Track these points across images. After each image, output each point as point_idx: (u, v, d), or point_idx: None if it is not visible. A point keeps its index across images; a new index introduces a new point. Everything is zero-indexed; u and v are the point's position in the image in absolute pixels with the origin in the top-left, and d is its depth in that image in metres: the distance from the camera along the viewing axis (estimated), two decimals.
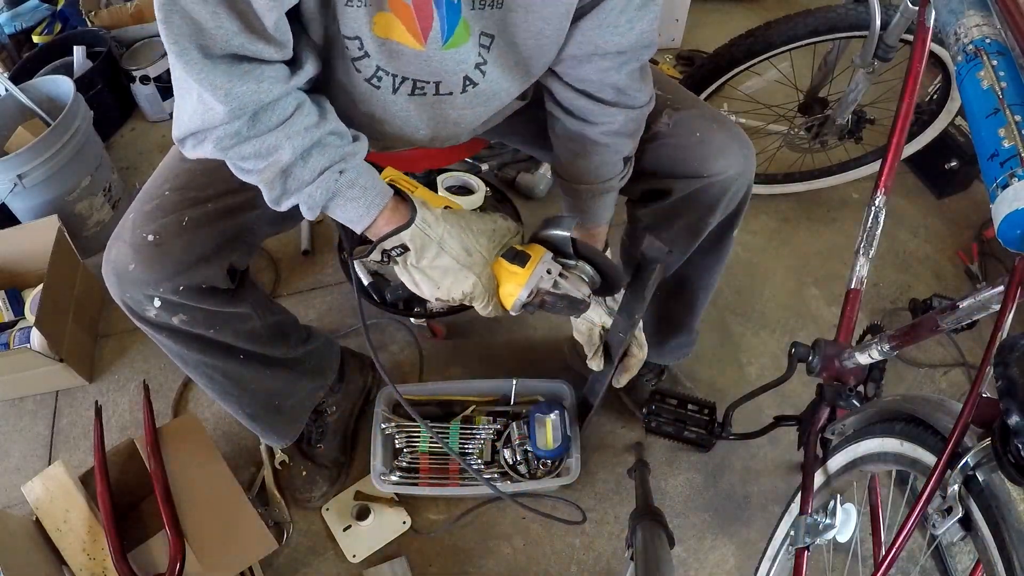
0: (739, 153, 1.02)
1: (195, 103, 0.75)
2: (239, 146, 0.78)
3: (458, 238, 0.87)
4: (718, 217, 1.08)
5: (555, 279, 0.88)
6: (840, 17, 1.41)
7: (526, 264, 0.87)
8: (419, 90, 0.87)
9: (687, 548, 1.38)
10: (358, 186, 0.83)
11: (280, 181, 0.80)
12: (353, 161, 0.83)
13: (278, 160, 0.78)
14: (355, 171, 0.83)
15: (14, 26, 2.32)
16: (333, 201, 0.83)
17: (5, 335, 1.61)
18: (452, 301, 0.90)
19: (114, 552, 1.14)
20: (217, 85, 0.72)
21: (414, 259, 0.86)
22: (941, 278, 1.77)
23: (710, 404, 1.37)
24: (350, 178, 0.82)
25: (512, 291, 0.87)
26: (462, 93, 0.88)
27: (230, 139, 0.77)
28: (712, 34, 2.30)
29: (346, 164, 0.82)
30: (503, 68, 0.88)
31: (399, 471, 1.39)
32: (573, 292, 0.88)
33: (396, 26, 0.79)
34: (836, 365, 1.10)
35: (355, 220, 0.84)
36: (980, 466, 0.67)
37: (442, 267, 0.87)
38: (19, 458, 1.56)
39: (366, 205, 0.83)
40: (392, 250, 0.85)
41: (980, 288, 0.77)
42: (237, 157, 0.79)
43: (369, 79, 0.85)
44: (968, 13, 0.72)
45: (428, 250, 0.85)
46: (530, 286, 0.86)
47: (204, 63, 0.71)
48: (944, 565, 1.28)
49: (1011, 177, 0.59)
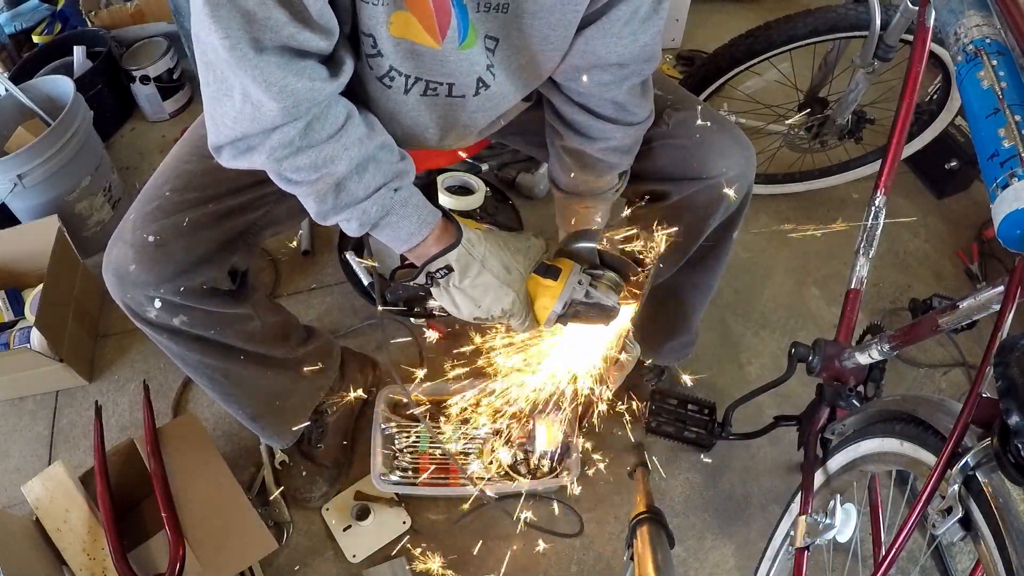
0: (740, 155, 1.02)
1: (239, 104, 0.71)
2: (294, 157, 0.75)
3: (497, 256, 0.87)
4: (718, 219, 1.08)
5: (586, 289, 0.90)
6: (840, 17, 1.41)
7: (558, 277, 0.89)
8: (431, 91, 0.86)
9: (687, 548, 1.38)
10: (411, 205, 0.82)
11: (332, 195, 0.78)
12: (406, 179, 0.82)
13: (332, 172, 0.76)
14: (408, 190, 0.82)
15: (14, 26, 2.32)
16: (385, 219, 0.81)
17: (5, 335, 1.61)
18: (491, 319, 0.90)
19: (114, 552, 1.14)
20: (271, 81, 0.69)
21: (457, 279, 0.85)
22: (941, 278, 1.77)
23: (710, 404, 1.37)
24: (403, 196, 0.81)
25: (547, 304, 0.90)
26: (475, 96, 0.88)
27: (284, 149, 0.74)
28: (712, 34, 2.30)
29: (400, 182, 0.81)
30: (508, 72, 0.88)
31: (399, 471, 1.39)
32: (604, 300, 0.91)
33: (413, 25, 0.78)
34: (836, 365, 1.10)
35: (404, 240, 0.83)
36: (980, 466, 0.67)
37: (483, 285, 0.86)
38: (19, 458, 1.56)
39: (418, 224, 0.83)
40: (437, 272, 0.85)
41: (980, 288, 0.77)
42: (291, 169, 0.76)
43: (381, 78, 0.84)
44: (968, 13, 0.72)
45: (471, 269, 0.85)
46: (564, 298, 0.89)
47: (257, 57, 0.68)
48: (944, 565, 1.28)
49: (1011, 177, 0.59)
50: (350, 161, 0.77)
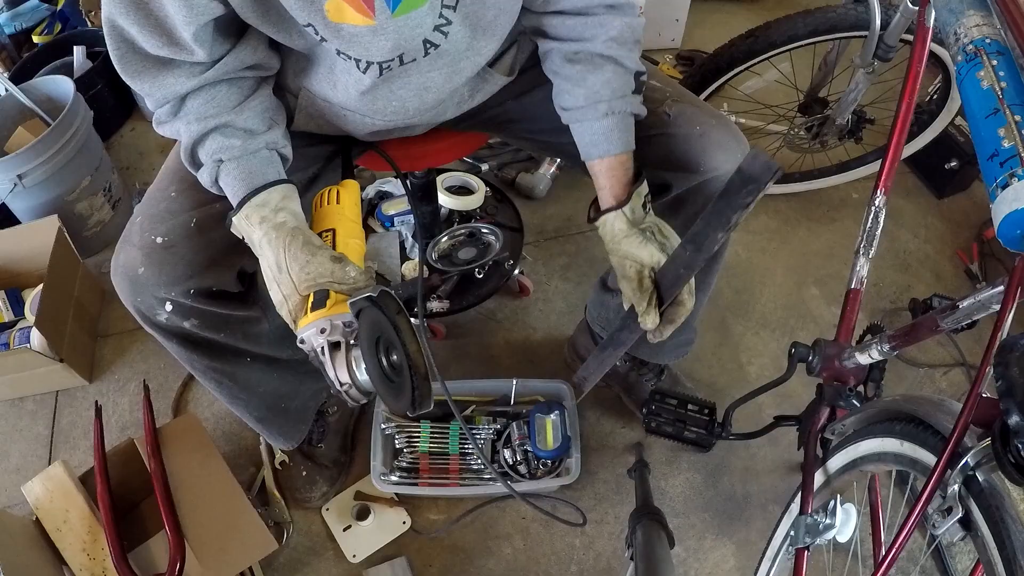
0: (737, 150, 1.02)
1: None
2: (161, 127, 0.88)
3: (273, 252, 0.83)
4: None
5: (324, 343, 0.77)
6: (840, 17, 1.41)
7: (319, 308, 0.79)
8: (386, 69, 0.87)
9: (687, 548, 1.38)
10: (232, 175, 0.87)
11: (188, 161, 0.89)
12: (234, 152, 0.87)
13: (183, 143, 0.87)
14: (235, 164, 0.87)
15: (14, 26, 2.32)
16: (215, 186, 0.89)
17: (5, 335, 1.61)
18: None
19: (114, 552, 1.14)
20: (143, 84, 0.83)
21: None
22: (941, 278, 1.77)
23: (710, 404, 1.37)
24: (229, 168, 0.87)
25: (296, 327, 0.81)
26: (424, 56, 0.87)
27: (158, 123, 0.88)
28: (712, 34, 2.30)
29: (226, 154, 0.87)
30: (472, 27, 0.87)
31: (399, 471, 1.39)
32: (328, 366, 0.78)
33: (345, 9, 0.77)
34: (836, 365, 1.10)
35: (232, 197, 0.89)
36: (980, 466, 0.67)
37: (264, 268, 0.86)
38: (19, 458, 1.56)
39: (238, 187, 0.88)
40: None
41: (980, 288, 0.77)
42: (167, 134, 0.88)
43: (339, 54, 0.85)
44: (968, 13, 0.72)
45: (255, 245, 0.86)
46: (303, 331, 0.79)
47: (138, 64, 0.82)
48: (944, 565, 1.28)
49: (1011, 177, 0.59)
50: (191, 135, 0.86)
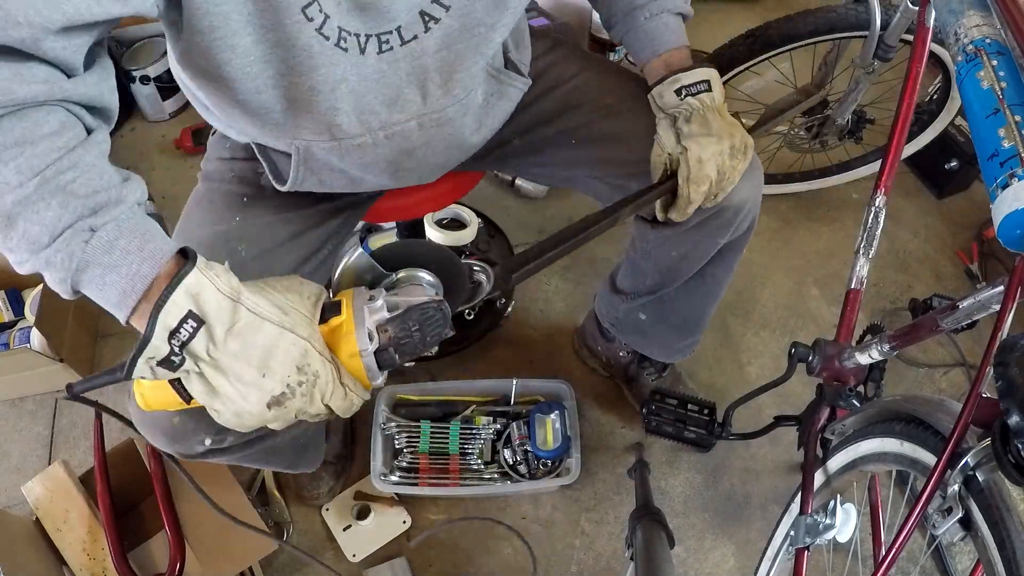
0: (752, 176, 1.01)
1: None
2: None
3: (261, 294, 0.63)
4: (728, 238, 1.08)
5: (381, 300, 0.67)
6: (840, 17, 1.41)
7: (340, 309, 0.66)
8: (385, 44, 0.79)
9: (687, 548, 1.38)
10: (118, 250, 0.60)
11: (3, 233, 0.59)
12: (113, 211, 0.60)
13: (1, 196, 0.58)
14: (114, 228, 0.60)
15: None
16: (86, 274, 0.60)
17: (5, 335, 1.61)
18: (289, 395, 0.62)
19: (114, 552, 1.14)
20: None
21: (219, 335, 0.60)
22: (941, 278, 1.77)
23: (710, 404, 1.37)
24: (106, 239, 0.59)
25: (349, 346, 0.64)
26: (426, 33, 0.81)
27: None
28: (712, 34, 2.30)
29: (100, 218, 0.59)
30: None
31: (399, 471, 1.39)
32: (413, 300, 0.68)
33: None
34: (836, 365, 1.10)
35: (116, 303, 0.61)
36: (980, 466, 0.67)
37: (252, 341, 0.61)
38: (19, 458, 1.56)
39: (129, 278, 0.60)
40: (180, 329, 0.58)
41: (980, 288, 0.77)
42: None
43: (337, 43, 0.76)
44: (968, 13, 0.72)
45: (232, 314, 0.60)
46: (362, 326, 0.65)
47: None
48: (944, 565, 1.28)
49: (1011, 177, 0.59)
50: (26, 186, 0.58)
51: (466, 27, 0.83)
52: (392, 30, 0.78)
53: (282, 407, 0.63)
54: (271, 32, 0.72)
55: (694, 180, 0.92)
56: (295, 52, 0.74)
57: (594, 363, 1.58)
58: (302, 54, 0.74)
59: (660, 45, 0.97)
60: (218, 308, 0.60)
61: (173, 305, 0.58)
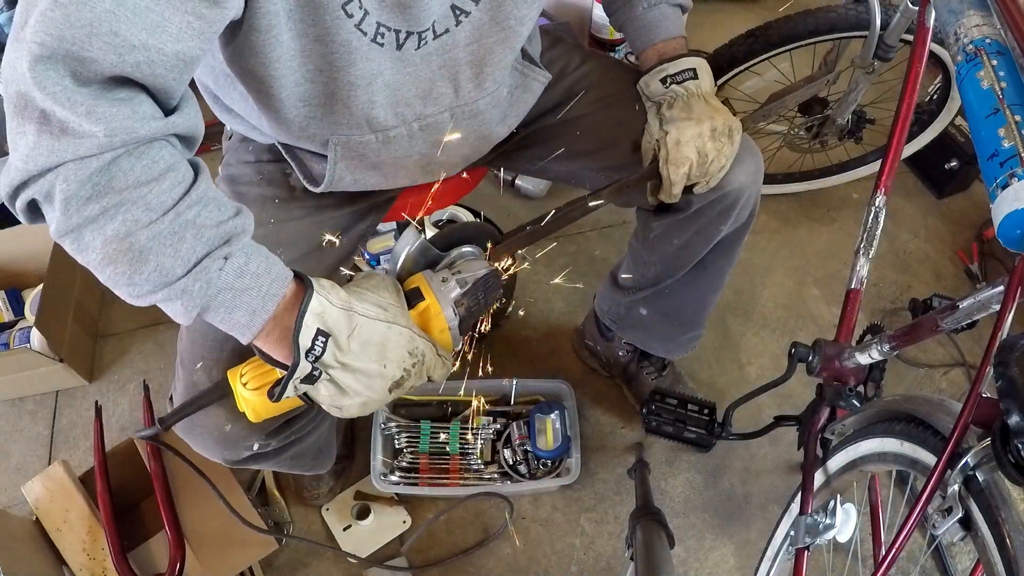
0: (751, 161, 1.02)
1: (34, 136, 0.58)
2: (85, 205, 0.59)
3: (360, 296, 0.71)
4: (729, 227, 1.08)
5: (452, 280, 0.78)
6: (840, 17, 1.41)
7: (422, 294, 0.76)
8: (423, 43, 0.81)
9: (687, 548, 1.38)
10: (248, 275, 0.66)
11: (135, 268, 0.62)
12: (239, 242, 0.66)
13: (132, 235, 0.61)
14: (242, 255, 0.66)
15: None
16: (217, 299, 0.65)
17: (5, 335, 1.61)
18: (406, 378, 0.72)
19: (114, 552, 1.14)
20: (77, 101, 0.57)
21: (343, 343, 0.68)
22: (941, 278, 1.77)
23: (710, 404, 1.37)
24: (237, 266, 0.65)
25: (439, 324, 0.76)
26: (457, 26, 0.82)
27: (79, 189, 0.59)
28: (712, 34, 2.30)
29: (231, 247, 0.65)
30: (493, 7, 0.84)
31: (399, 471, 1.39)
32: (478, 273, 0.79)
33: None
34: (836, 365, 1.10)
35: (244, 325, 0.66)
36: (980, 466, 0.67)
37: (373, 337, 0.69)
38: (19, 458, 1.56)
39: (260, 299, 0.66)
40: (314, 346, 0.66)
41: (980, 288, 0.77)
42: (82, 224, 0.60)
43: (374, 39, 0.78)
44: (968, 13, 0.72)
45: (349, 322, 0.68)
46: (446, 304, 0.76)
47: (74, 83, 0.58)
48: (944, 565, 1.28)
49: (1011, 177, 0.59)
50: (159, 222, 0.62)
51: (496, 20, 0.85)
52: (428, 27, 0.80)
53: (401, 388, 0.73)
54: (312, 27, 0.73)
55: (672, 162, 0.95)
56: (334, 47, 0.76)
57: (594, 363, 1.58)
58: (341, 49, 0.76)
59: (655, 34, 1.00)
60: (338, 321, 0.67)
61: (306, 328, 0.66)
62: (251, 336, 0.67)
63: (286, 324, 0.67)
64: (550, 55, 1.08)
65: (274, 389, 0.68)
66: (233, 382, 0.74)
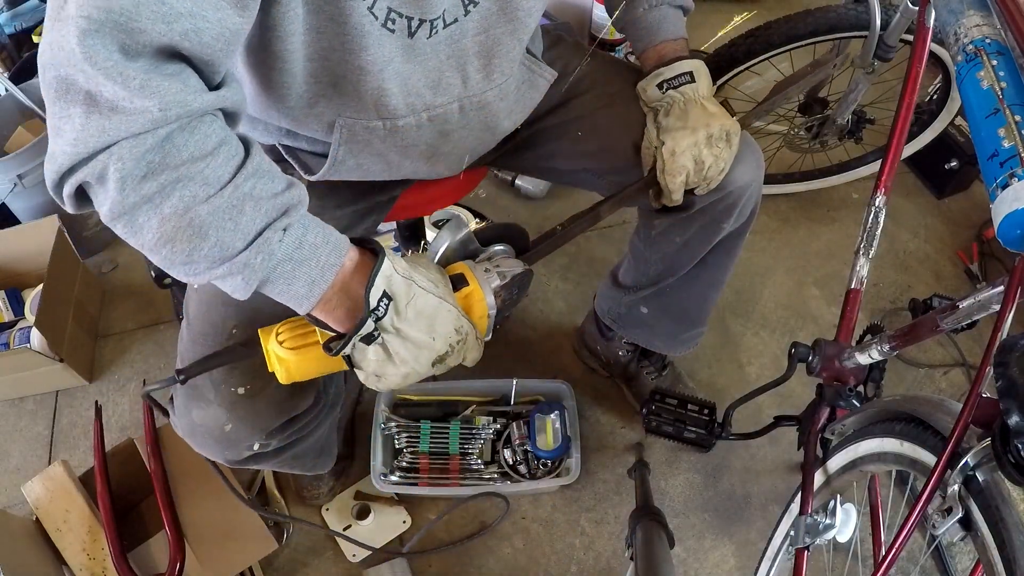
0: (752, 160, 1.03)
1: (82, 117, 0.56)
2: (141, 183, 0.58)
3: (417, 270, 0.74)
4: (731, 225, 1.09)
5: (494, 272, 0.82)
6: (840, 17, 1.41)
7: (467, 280, 0.80)
8: (434, 31, 0.81)
9: (687, 548, 1.38)
10: (307, 245, 0.66)
11: (194, 245, 0.61)
12: (297, 212, 0.67)
13: (192, 210, 0.60)
14: (301, 226, 0.66)
15: (14, 26, 2.32)
16: (278, 271, 0.64)
17: (5, 335, 1.61)
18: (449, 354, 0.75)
19: (114, 552, 1.14)
20: (129, 75, 0.55)
21: (402, 309, 0.70)
22: (941, 278, 1.77)
23: (710, 404, 1.37)
24: (296, 236, 0.66)
25: (481, 310, 0.79)
26: (465, 16, 0.82)
27: (134, 167, 0.57)
28: (712, 34, 2.30)
29: (289, 218, 0.65)
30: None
31: (399, 471, 1.39)
32: (515, 270, 0.83)
33: None
34: (836, 365, 1.10)
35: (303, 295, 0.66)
36: (980, 466, 0.67)
37: (426, 308, 0.71)
38: (19, 458, 1.56)
39: (319, 269, 0.66)
40: (378, 306, 0.68)
41: (980, 288, 0.77)
42: (138, 204, 0.59)
43: (384, 24, 0.76)
44: (968, 13, 0.72)
45: (408, 291, 0.70)
46: (488, 293, 0.80)
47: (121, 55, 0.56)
48: (944, 565, 1.28)
49: (1011, 177, 0.59)
50: (217, 196, 0.61)
51: (504, 11, 0.85)
52: (439, 15, 0.80)
53: (443, 363, 0.75)
54: (327, 4, 0.72)
55: (669, 172, 0.96)
56: (346, 29, 0.75)
57: (594, 363, 1.58)
58: (353, 32, 0.75)
59: (656, 36, 1.01)
60: (400, 287, 0.69)
61: (375, 288, 0.67)
62: (310, 306, 0.67)
63: (348, 289, 0.68)
64: (551, 55, 1.08)
65: (332, 343, 0.69)
66: (265, 341, 0.74)
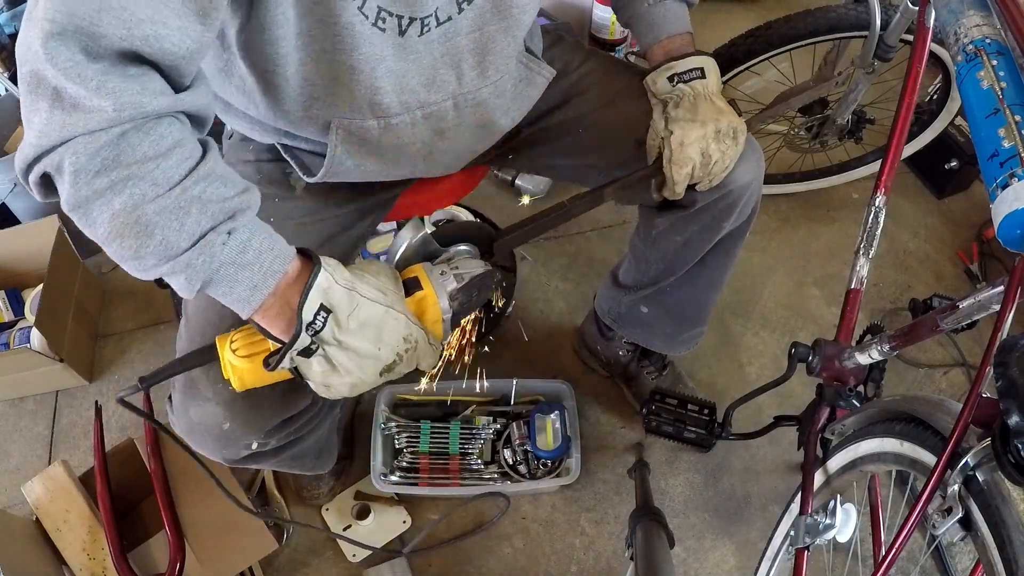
0: (753, 160, 1.03)
1: (47, 112, 0.59)
2: (94, 178, 0.61)
3: (362, 280, 0.73)
4: (731, 224, 1.09)
5: (451, 274, 0.80)
6: (840, 17, 1.41)
7: (420, 284, 0.78)
8: (426, 29, 0.81)
9: (687, 548, 1.38)
10: (251, 250, 0.67)
11: (141, 241, 0.63)
12: (244, 217, 0.67)
13: (139, 208, 0.62)
14: (247, 230, 0.67)
15: (14, 26, 2.32)
16: (219, 273, 0.66)
17: (5, 335, 1.61)
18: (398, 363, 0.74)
19: (114, 552, 1.14)
20: (88, 76, 0.58)
21: (343, 320, 0.69)
22: (941, 278, 1.77)
23: (710, 404, 1.37)
24: (240, 240, 0.66)
25: (434, 315, 0.78)
26: (459, 13, 0.83)
27: (88, 162, 0.60)
28: (712, 34, 2.30)
29: (235, 222, 0.66)
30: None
31: (399, 471, 1.39)
32: (475, 271, 0.81)
33: None
34: (836, 365, 1.10)
35: (244, 298, 0.67)
36: (980, 466, 0.67)
37: (371, 318, 0.71)
38: (19, 458, 1.56)
39: (261, 274, 0.67)
40: (315, 320, 0.68)
41: (980, 288, 0.77)
42: (90, 198, 0.62)
43: (375, 23, 0.77)
44: (968, 13, 0.72)
45: (349, 301, 0.70)
46: (443, 297, 0.78)
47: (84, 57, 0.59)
48: (944, 565, 1.28)
49: (1011, 177, 0.59)
50: (165, 196, 0.63)
51: (498, 8, 0.85)
52: (431, 13, 0.80)
53: (391, 372, 0.74)
54: (316, 6, 0.73)
55: (676, 162, 0.95)
56: (337, 30, 0.76)
57: (594, 363, 1.58)
58: (344, 32, 0.76)
59: (661, 31, 1.01)
60: (341, 299, 0.69)
61: (310, 302, 0.67)
62: (251, 310, 0.68)
63: (288, 299, 0.68)
64: (551, 54, 1.08)
65: (270, 359, 0.69)
66: (221, 349, 0.74)
